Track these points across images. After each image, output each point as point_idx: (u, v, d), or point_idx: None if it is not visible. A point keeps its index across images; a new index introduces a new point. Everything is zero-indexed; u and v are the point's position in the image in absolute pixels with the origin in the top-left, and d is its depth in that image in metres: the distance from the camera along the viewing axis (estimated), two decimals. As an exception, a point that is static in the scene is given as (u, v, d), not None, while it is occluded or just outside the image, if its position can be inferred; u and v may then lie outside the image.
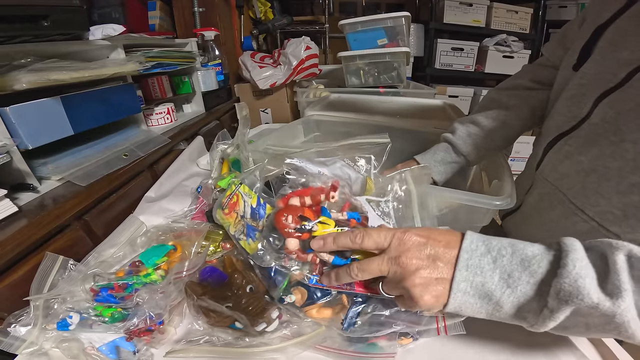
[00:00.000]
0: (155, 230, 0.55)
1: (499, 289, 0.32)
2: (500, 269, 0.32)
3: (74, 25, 0.62)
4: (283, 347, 0.42)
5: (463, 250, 0.33)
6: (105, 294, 0.42)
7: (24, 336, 0.42)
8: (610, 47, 0.48)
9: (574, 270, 0.29)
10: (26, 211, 0.52)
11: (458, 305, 0.33)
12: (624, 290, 0.28)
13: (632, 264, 0.29)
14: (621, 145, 0.42)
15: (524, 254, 0.32)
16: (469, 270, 0.33)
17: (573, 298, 0.29)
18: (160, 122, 0.95)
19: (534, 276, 0.31)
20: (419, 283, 0.33)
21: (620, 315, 0.28)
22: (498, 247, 0.33)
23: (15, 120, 0.52)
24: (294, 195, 0.44)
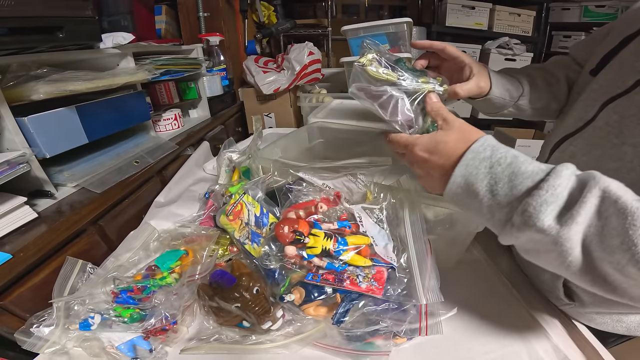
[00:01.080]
0: (167, 236, 0.58)
1: (482, 192, 0.37)
2: (492, 175, 0.37)
3: (87, 36, 0.65)
4: (287, 344, 0.45)
5: (470, 150, 0.39)
6: (125, 295, 0.45)
7: (47, 336, 0.45)
8: (631, 56, 0.49)
9: (545, 194, 0.32)
10: (45, 217, 0.55)
11: (452, 195, 0.41)
12: (575, 222, 0.31)
13: (603, 198, 0.31)
14: (622, 148, 0.44)
15: (517, 169, 0.36)
16: (467, 168, 0.38)
17: (530, 221, 0.33)
18: (168, 127, 0.98)
19: (512, 190, 0.35)
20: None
21: (560, 245, 0.32)
22: (500, 155, 0.37)
23: (33, 130, 0.55)
24: (290, 210, 0.51)
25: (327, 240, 0.47)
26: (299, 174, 0.51)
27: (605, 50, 0.53)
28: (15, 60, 0.55)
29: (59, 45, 0.60)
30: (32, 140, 0.55)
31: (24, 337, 0.44)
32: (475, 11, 2.17)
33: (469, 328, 0.50)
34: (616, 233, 0.30)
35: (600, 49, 0.56)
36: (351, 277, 0.45)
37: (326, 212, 0.50)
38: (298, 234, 0.47)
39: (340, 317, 0.43)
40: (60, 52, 0.63)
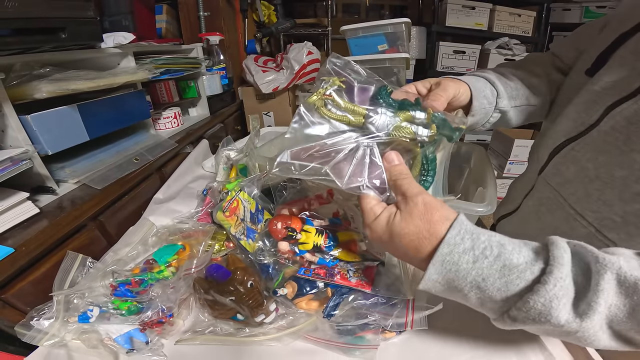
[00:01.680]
0: (165, 231, 0.59)
1: (467, 288, 0.32)
2: (477, 270, 0.31)
3: (89, 36, 0.67)
4: (279, 336, 0.46)
5: (444, 243, 0.32)
6: (123, 289, 0.47)
7: (46, 329, 0.46)
8: (631, 56, 0.46)
9: (553, 290, 0.28)
10: (46, 212, 0.57)
11: (428, 287, 0.35)
12: (595, 312, 0.28)
13: (620, 283, 0.29)
14: (630, 155, 0.42)
15: (509, 261, 0.31)
16: (444, 265, 0.32)
17: (542, 317, 0.29)
18: (168, 126, 1.00)
19: (507, 286, 0.30)
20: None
21: (582, 332, 0.29)
22: (484, 246, 0.32)
23: (36, 127, 0.57)
24: (284, 207, 0.52)
25: (319, 236, 0.48)
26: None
27: (600, 49, 0.51)
28: (19, 60, 0.57)
29: (61, 46, 0.62)
30: (34, 138, 0.57)
31: (24, 330, 0.45)
32: (475, 11, 2.17)
33: (457, 325, 0.51)
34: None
35: (594, 47, 0.53)
36: (342, 272, 0.47)
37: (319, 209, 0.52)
38: (290, 230, 0.48)
39: (331, 311, 0.45)
40: (62, 52, 0.65)
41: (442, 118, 0.41)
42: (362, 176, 0.37)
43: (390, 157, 0.39)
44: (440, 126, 0.40)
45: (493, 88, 0.57)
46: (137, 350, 0.46)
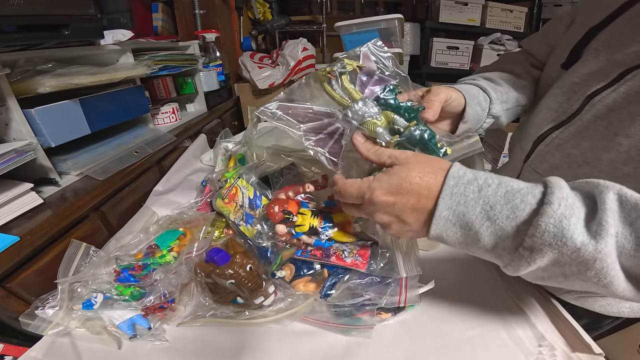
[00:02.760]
0: (167, 218, 0.61)
1: (479, 220, 0.32)
2: (484, 199, 0.32)
3: (91, 33, 0.69)
4: (278, 318, 0.48)
5: (450, 177, 0.33)
6: (127, 274, 0.48)
7: (51, 318, 0.46)
8: (606, 48, 0.49)
9: (560, 209, 0.28)
10: (50, 203, 0.58)
11: (440, 232, 0.34)
12: (609, 233, 0.27)
13: (621, 203, 0.29)
14: (615, 139, 0.44)
15: (510, 186, 0.32)
16: (453, 198, 0.33)
17: (557, 240, 0.28)
18: (166, 120, 1.01)
19: (515, 212, 0.30)
20: (393, 232, 0.38)
21: (600, 260, 0.28)
22: (485, 176, 0.33)
23: (39, 120, 0.58)
24: (280, 192, 0.54)
25: (314, 218, 0.50)
26: (289, 159, 0.55)
27: (572, 43, 0.54)
28: (23, 56, 0.58)
29: (64, 42, 0.63)
30: (38, 131, 0.58)
31: (28, 319, 0.46)
32: (468, 7, 2.19)
33: (451, 306, 0.53)
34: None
35: (565, 42, 0.57)
36: (337, 252, 0.49)
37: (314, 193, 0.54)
38: (287, 213, 0.50)
39: (327, 290, 0.47)
40: (64, 48, 0.66)
41: (421, 135, 0.42)
42: (325, 146, 0.41)
43: (356, 139, 0.42)
44: (410, 139, 0.42)
45: (485, 95, 0.59)
46: (139, 336, 0.47)
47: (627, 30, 0.48)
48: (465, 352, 0.46)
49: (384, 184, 0.37)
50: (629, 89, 0.44)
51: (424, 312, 0.52)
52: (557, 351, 0.45)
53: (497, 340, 0.47)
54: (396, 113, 0.42)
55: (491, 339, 0.47)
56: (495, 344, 0.46)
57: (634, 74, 0.44)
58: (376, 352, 0.46)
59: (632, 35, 0.47)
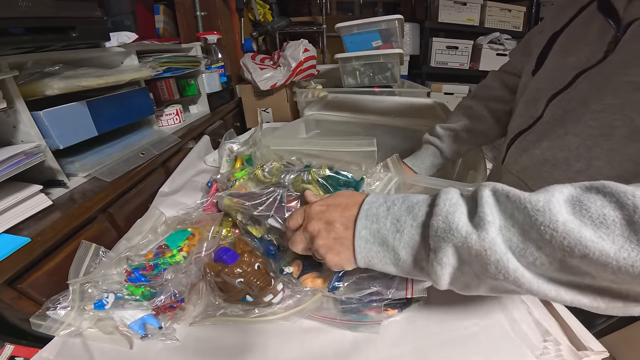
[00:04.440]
0: (174, 219, 0.62)
1: (391, 234, 0.36)
2: (392, 215, 0.36)
3: (97, 35, 0.69)
4: (287, 315, 0.49)
5: (365, 203, 0.39)
6: (138, 274, 0.49)
7: (62, 318, 0.47)
8: (561, 53, 0.53)
9: (445, 207, 0.32)
10: (59, 204, 0.59)
11: (365, 255, 0.38)
12: (487, 222, 0.29)
13: (497, 198, 0.31)
14: (566, 138, 0.47)
15: (410, 202, 0.36)
16: (368, 218, 0.38)
17: (447, 234, 0.31)
18: (170, 122, 1.02)
19: (415, 219, 0.35)
20: (322, 245, 0.41)
21: (490, 251, 0.29)
22: (393, 198, 0.38)
23: (48, 123, 0.59)
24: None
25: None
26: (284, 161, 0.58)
27: (538, 51, 0.58)
28: (31, 59, 0.58)
29: (71, 44, 0.64)
30: (46, 133, 0.59)
31: (39, 320, 0.46)
32: (466, 7, 2.21)
33: (456, 302, 0.53)
34: (528, 226, 0.28)
35: (535, 50, 0.60)
36: None
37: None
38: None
39: (335, 283, 0.48)
40: (71, 50, 0.67)
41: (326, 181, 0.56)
42: (271, 210, 0.53)
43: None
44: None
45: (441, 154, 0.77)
46: (150, 335, 0.47)
47: (579, 33, 0.51)
48: (471, 346, 0.46)
49: (319, 200, 0.44)
50: (579, 91, 0.47)
51: (429, 309, 0.52)
52: (562, 346, 0.45)
53: (502, 335, 0.48)
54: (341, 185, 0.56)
55: (496, 333, 0.48)
56: (501, 339, 0.47)
57: (585, 76, 0.47)
58: (383, 348, 0.47)
59: (582, 38, 0.49)
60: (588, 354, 0.44)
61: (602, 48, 0.46)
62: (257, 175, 0.60)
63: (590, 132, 0.44)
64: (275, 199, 0.54)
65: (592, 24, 0.49)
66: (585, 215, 0.26)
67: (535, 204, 0.28)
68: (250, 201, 0.55)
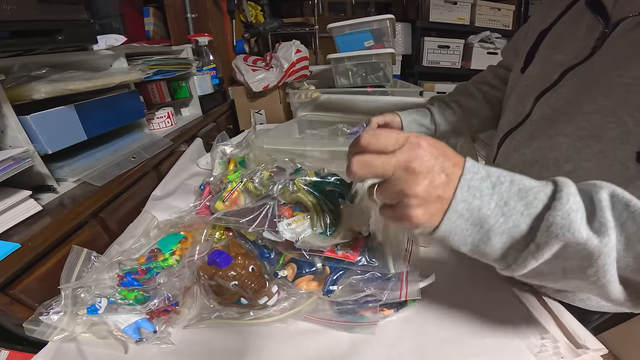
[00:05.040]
0: (167, 223, 0.61)
1: (493, 216, 0.31)
2: (498, 195, 0.31)
3: (84, 38, 0.68)
4: (283, 318, 0.49)
5: (467, 170, 0.31)
6: (130, 278, 0.48)
7: (56, 323, 0.46)
8: (549, 50, 0.53)
9: (568, 204, 0.29)
10: (49, 210, 0.58)
11: (449, 228, 0.32)
12: (610, 228, 0.28)
13: (614, 203, 0.29)
14: (556, 138, 0.46)
15: (522, 184, 0.31)
16: (470, 191, 0.31)
17: (564, 232, 0.28)
18: (162, 125, 1.01)
19: (528, 208, 0.30)
20: (420, 195, 0.31)
21: (604, 256, 0.28)
22: (497, 174, 0.32)
23: (35, 127, 0.58)
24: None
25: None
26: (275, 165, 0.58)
27: (527, 48, 0.58)
28: (17, 62, 0.58)
29: (57, 47, 0.63)
30: (34, 137, 0.58)
31: (32, 326, 0.46)
32: (457, 6, 2.23)
33: (453, 302, 0.53)
34: (637, 239, 0.28)
35: (524, 47, 0.60)
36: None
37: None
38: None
39: (330, 286, 0.48)
40: (58, 53, 0.66)
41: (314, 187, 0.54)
42: (264, 224, 0.52)
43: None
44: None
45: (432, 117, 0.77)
46: (145, 339, 0.47)
47: (566, 30, 0.51)
48: (469, 345, 0.46)
49: (429, 139, 0.33)
50: (568, 89, 0.46)
51: (425, 308, 0.52)
52: (560, 343, 0.45)
53: (499, 333, 0.48)
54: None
55: (494, 332, 0.48)
56: (498, 337, 0.47)
57: (572, 73, 0.46)
58: (380, 348, 0.47)
59: (570, 35, 0.49)
60: (586, 351, 0.44)
61: (590, 44, 0.46)
62: (248, 187, 0.61)
63: (580, 132, 0.43)
64: (267, 212, 0.53)
65: (580, 21, 0.49)
66: None
67: None
68: (244, 217, 0.54)
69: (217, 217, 0.55)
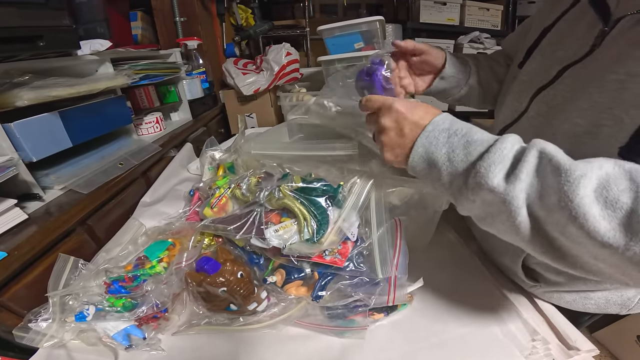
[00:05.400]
0: (155, 229, 0.61)
1: (441, 159, 0.39)
2: (449, 145, 0.39)
3: (66, 44, 0.67)
4: (273, 323, 0.48)
5: (431, 123, 0.41)
6: (117, 285, 0.48)
7: (45, 330, 0.47)
8: (550, 47, 0.52)
9: (494, 156, 0.35)
10: (35, 218, 0.57)
11: (415, 165, 0.42)
12: (519, 180, 0.33)
13: (541, 159, 0.33)
14: (554, 138, 0.44)
15: (471, 137, 0.38)
16: (428, 139, 0.40)
17: (484, 179, 0.34)
18: (150, 131, 1.00)
19: (467, 157, 0.37)
20: (385, 141, 0.45)
21: (508, 201, 0.33)
22: (457, 127, 0.40)
23: (19, 135, 0.57)
24: None
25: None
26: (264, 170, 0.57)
27: (528, 44, 0.57)
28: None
29: (39, 53, 0.62)
30: (18, 145, 0.57)
31: (22, 332, 0.46)
32: (447, 7, 2.24)
33: (444, 305, 0.53)
34: (553, 191, 0.31)
35: (525, 43, 0.59)
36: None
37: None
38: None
39: (318, 291, 0.48)
40: (40, 59, 0.65)
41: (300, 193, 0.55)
42: (252, 232, 0.53)
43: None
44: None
45: (468, 66, 0.69)
46: (135, 346, 0.47)
47: (567, 27, 0.51)
48: (459, 349, 0.46)
49: (403, 102, 0.45)
50: (565, 86, 0.47)
51: (416, 311, 0.52)
52: (551, 345, 0.45)
53: (490, 336, 0.48)
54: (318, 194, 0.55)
55: (485, 335, 0.48)
56: (489, 340, 0.47)
57: (570, 71, 0.47)
58: (371, 353, 0.47)
59: (571, 32, 0.49)
60: (578, 353, 0.44)
61: (589, 42, 0.46)
62: (236, 194, 0.61)
63: (575, 129, 0.43)
64: (255, 219, 0.55)
65: (582, 19, 0.49)
66: (603, 194, 0.29)
67: (571, 174, 0.30)
68: (231, 225, 0.55)
69: (204, 224, 0.55)
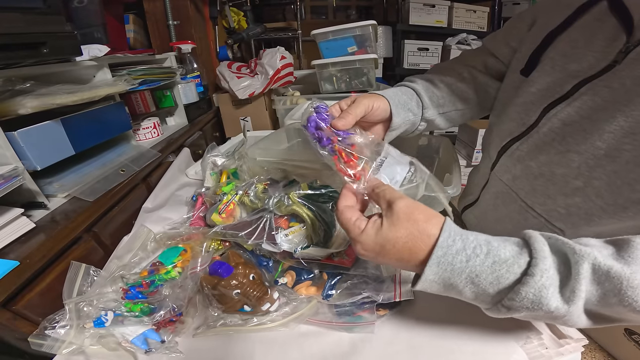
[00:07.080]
0: (163, 236, 0.61)
1: (462, 284, 0.34)
2: (471, 268, 0.33)
3: (69, 50, 0.68)
4: (286, 322, 0.50)
5: (438, 246, 0.34)
6: (135, 291, 0.49)
7: (63, 337, 0.47)
8: (562, 58, 0.48)
9: (541, 280, 0.31)
10: (42, 226, 0.57)
11: (424, 288, 0.36)
12: (579, 298, 0.31)
13: (594, 271, 0.31)
14: (567, 155, 0.44)
15: (498, 257, 0.33)
16: (440, 266, 0.34)
17: (534, 306, 0.32)
18: (148, 136, 1.00)
19: (499, 280, 0.33)
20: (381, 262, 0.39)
21: (568, 316, 0.32)
22: (473, 245, 0.34)
23: (23, 143, 0.57)
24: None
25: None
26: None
27: (532, 48, 0.53)
28: (1, 76, 0.57)
29: (42, 60, 0.62)
30: (22, 154, 0.57)
31: (39, 340, 0.46)
32: (435, 9, 2.28)
33: (443, 298, 0.53)
34: (613, 294, 0.31)
35: (526, 46, 0.55)
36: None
37: None
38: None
39: (328, 291, 0.49)
40: (40, 66, 0.65)
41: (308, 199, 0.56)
42: (262, 237, 0.54)
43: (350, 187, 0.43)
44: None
45: (419, 99, 0.60)
46: (154, 349, 0.48)
47: (582, 37, 0.47)
48: (461, 340, 0.48)
49: (369, 241, 0.37)
50: (583, 103, 0.44)
51: (418, 308, 0.54)
52: (544, 335, 0.48)
53: (489, 328, 0.50)
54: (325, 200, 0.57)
55: (483, 328, 0.50)
56: (488, 332, 0.49)
57: (588, 87, 0.44)
58: (380, 346, 0.49)
59: (587, 44, 0.46)
60: (568, 342, 0.47)
61: (609, 57, 0.42)
62: (244, 201, 0.62)
63: (595, 152, 0.41)
64: (265, 225, 0.55)
65: (599, 28, 0.45)
66: None
67: (632, 281, 0.30)
68: (242, 231, 0.56)
69: (216, 231, 0.56)
